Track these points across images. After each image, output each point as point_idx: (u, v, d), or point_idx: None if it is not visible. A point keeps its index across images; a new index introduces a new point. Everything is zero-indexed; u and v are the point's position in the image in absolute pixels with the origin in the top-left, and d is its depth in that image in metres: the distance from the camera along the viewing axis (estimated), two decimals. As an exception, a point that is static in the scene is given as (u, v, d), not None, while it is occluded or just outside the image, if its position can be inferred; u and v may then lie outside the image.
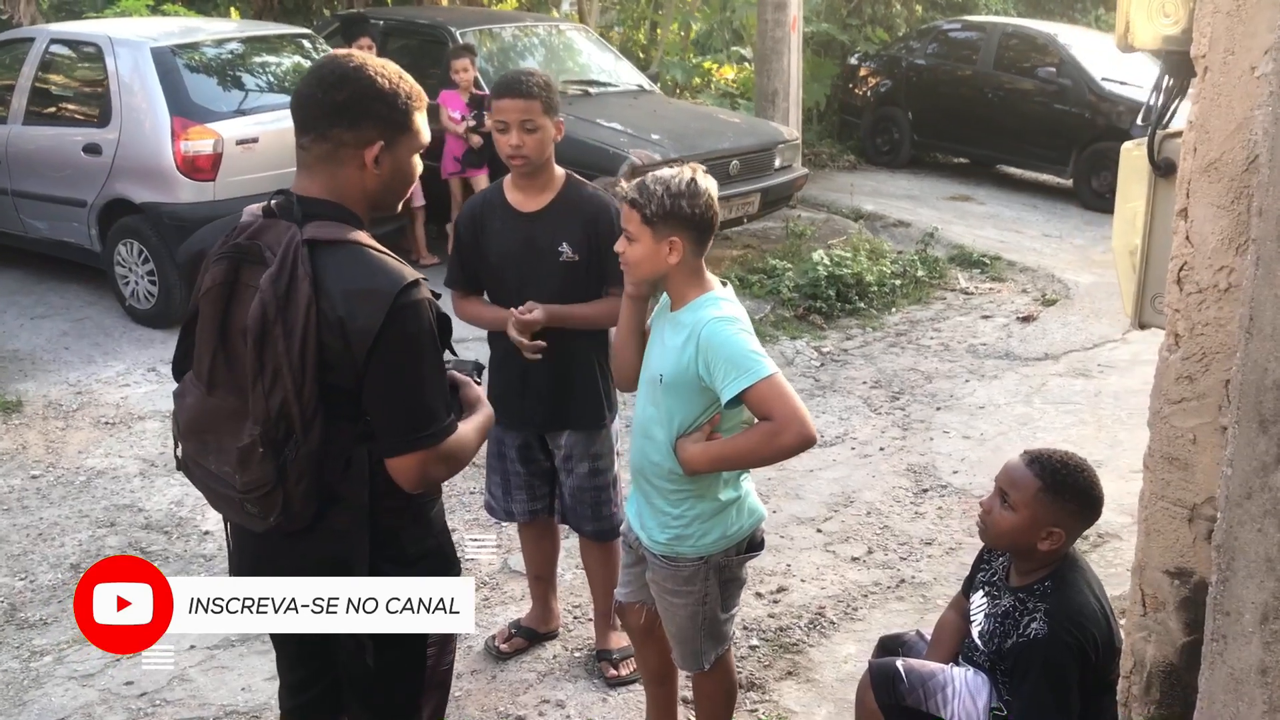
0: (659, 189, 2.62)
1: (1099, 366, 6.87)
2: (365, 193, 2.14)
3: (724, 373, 2.58)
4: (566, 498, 3.61)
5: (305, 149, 2.11)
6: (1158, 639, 2.12)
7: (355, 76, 2.08)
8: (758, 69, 10.38)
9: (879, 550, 4.69)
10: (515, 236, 3.38)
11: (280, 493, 2.06)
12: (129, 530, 4.76)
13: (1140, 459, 5.38)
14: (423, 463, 2.09)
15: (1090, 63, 11.55)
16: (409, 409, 2.07)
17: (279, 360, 1.99)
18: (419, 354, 2.06)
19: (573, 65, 9.58)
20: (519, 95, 3.22)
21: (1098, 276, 8.80)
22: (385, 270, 2.05)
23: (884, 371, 6.78)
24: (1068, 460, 2.60)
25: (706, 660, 2.98)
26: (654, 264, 2.69)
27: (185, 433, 2.20)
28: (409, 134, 2.14)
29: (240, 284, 2.09)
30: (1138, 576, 2.15)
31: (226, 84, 7.39)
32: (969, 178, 12.53)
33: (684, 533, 2.80)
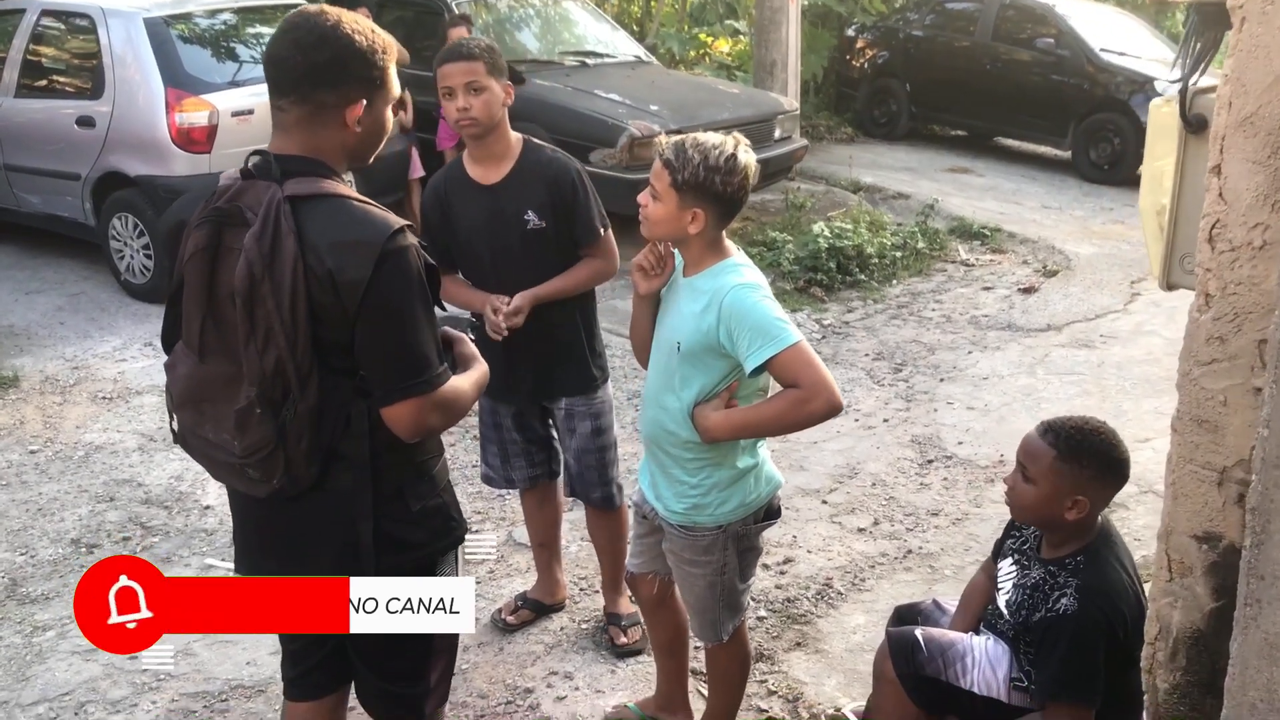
0: (696, 157, 2.54)
1: (1101, 337, 6.85)
2: (344, 149, 2.12)
3: (749, 340, 2.54)
4: (572, 463, 3.58)
5: (284, 110, 2.07)
6: (1184, 605, 2.09)
7: (335, 36, 2.04)
8: (756, 39, 10.30)
9: (885, 521, 4.67)
10: (480, 211, 3.33)
11: (281, 454, 2.03)
12: (128, 505, 4.71)
13: (1145, 428, 5.42)
14: (418, 409, 2.06)
15: (1089, 33, 11.49)
16: (402, 356, 2.05)
17: (270, 318, 1.96)
18: (409, 300, 2.04)
19: (569, 36, 9.50)
20: (460, 58, 3.18)
21: (1098, 247, 8.78)
22: (370, 220, 2.02)
23: (886, 343, 6.75)
24: (1082, 425, 2.55)
25: (725, 631, 2.95)
26: (672, 229, 2.63)
27: (180, 403, 2.17)
28: (385, 89, 2.12)
29: (224, 248, 2.05)
30: (1164, 542, 2.11)
31: (221, 55, 7.30)
32: (967, 149, 12.47)
33: (701, 501, 2.76)
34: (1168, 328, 6.95)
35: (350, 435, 2.09)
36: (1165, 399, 5.86)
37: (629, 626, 3.75)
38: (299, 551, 2.20)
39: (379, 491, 2.15)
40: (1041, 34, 11.69)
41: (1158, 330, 6.91)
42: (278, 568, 2.23)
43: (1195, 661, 2.12)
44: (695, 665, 3.50)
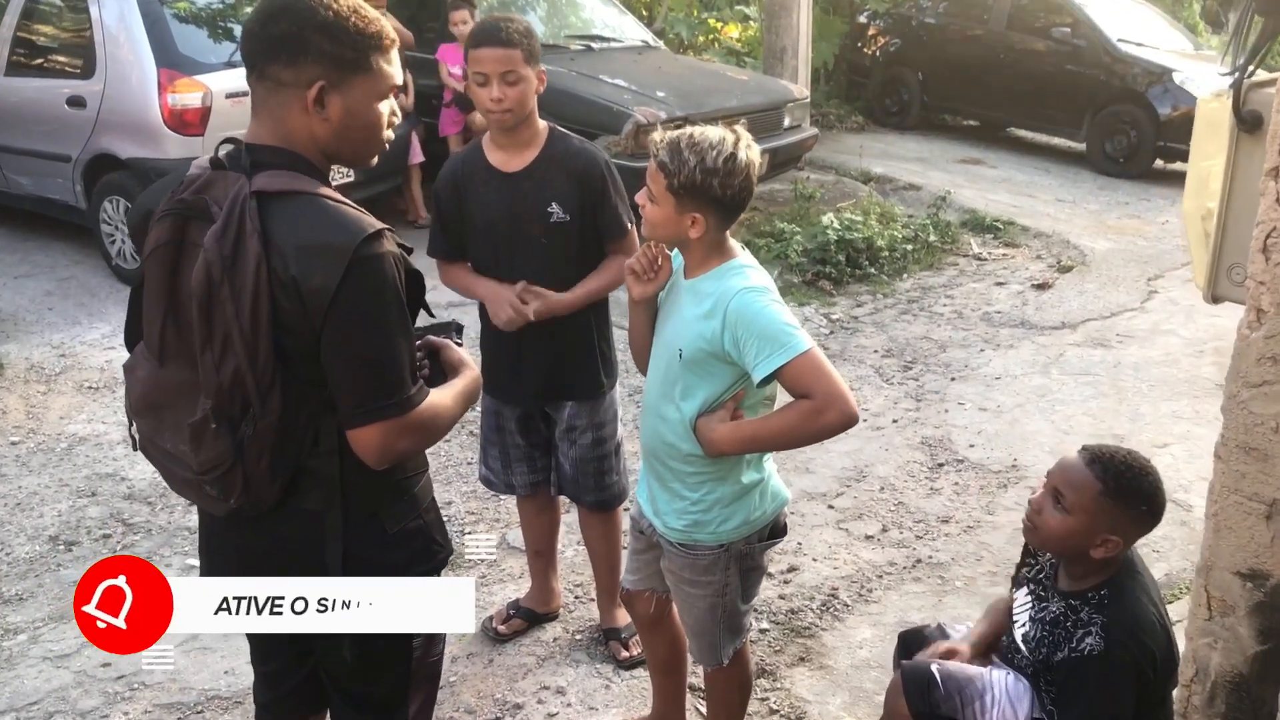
0: (692, 159, 2.35)
1: (1118, 336, 6.66)
2: (315, 139, 1.91)
3: (757, 348, 2.35)
4: (567, 469, 3.40)
5: (252, 89, 1.90)
6: (1225, 646, 1.92)
7: (298, 7, 1.84)
8: (766, 25, 10.08)
9: (893, 528, 4.49)
10: (500, 200, 3.13)
11: (240, 472, 1.85)
12: (110, 500, 4.56)
13: (1163, 433, 5.23)
14: (386, 434, 1.87)
15: (1106, 23, 11.27)
16: (370, 374, 1.85)
17: (229, 326, 1.77)
18: (381, 314, 1.84)
19: (575, 19, 9.29)
20: (498, 44, 2.97)
21: (1113, 243, 8.59)
22: (342, 222, 1.82)
23: (896, 340, 6.56)
24: (1131, 461, 2.34)
25: (725, 655, 2.78)
26: (671, 232, 2.45)
27: (138, 409, 1.99)
28: (363, 75, 1.90)
29: (188, 243, 1.87)
30: (1203, 577, 1.94)
31: (216, 35, 7.11)
32: (979, 140, 12.26)
33: (702, 519, 2.59)
34: (1186, 327, 6.77)
35: (319, 452, 1.92)
36: (1184, 402, 5.71)
37: (630, 638, 3.58)
38: (263, 574, 2.03)
39: (351, 513, 1.98)
40: (1058, 23, 11.47)
41: (1176, 330, 6.72)
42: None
43: (1236, 708, 1.95)
44: (694, 680, 3.33)
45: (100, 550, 4.19)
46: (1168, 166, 11.04)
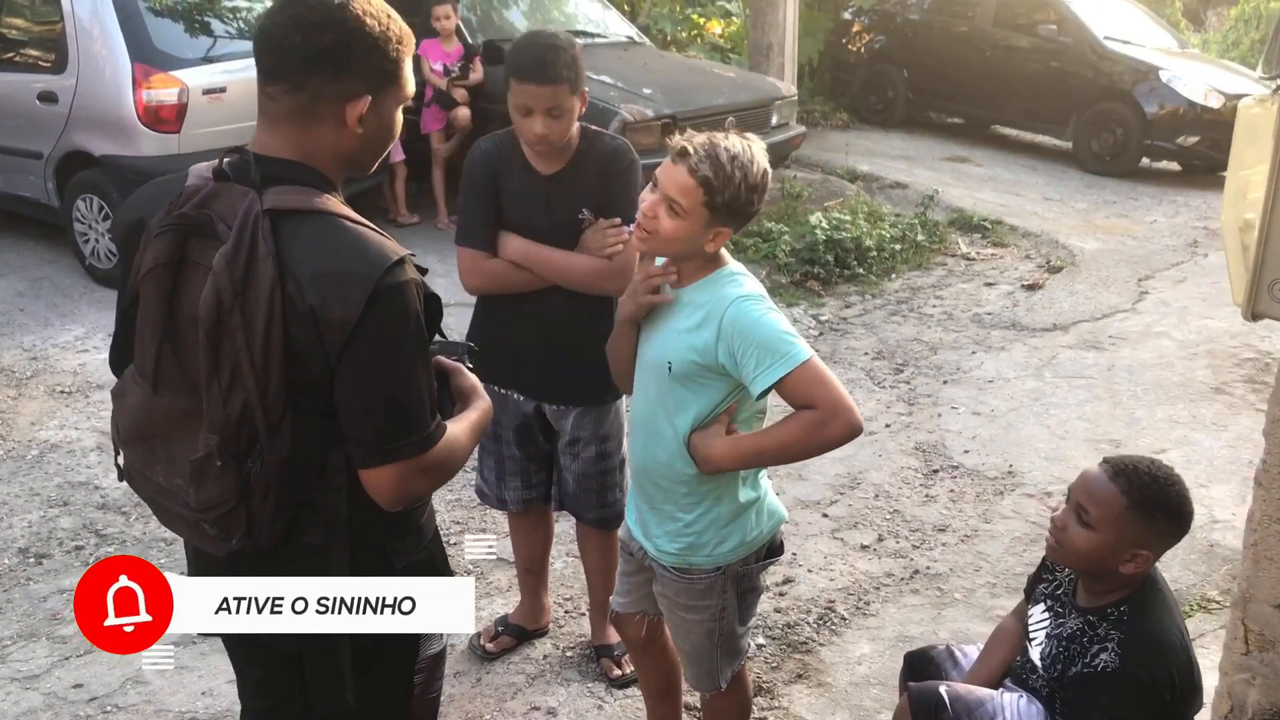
0: (737, 175, 2.22)
1: (1110, 338, 6.58)
2: (340, 153, 1.79)
3: (756, 359, 2.24)
4: (570, 483, 3.27)
5: (274, 100, 1.74)
6: (1264, 683, 1.82)
7: (341, 17, 1.71)
8: (751, 21, 9.97)
9: (890, 538, 4.40)
10: (534, 200, 3.00)
11: (243, 511, 1.72)
12: (83, 510, 4.41)
13: (1161, 438, 5.15)
14: (402, 475, 1.75)
15: (1092, 21, 11.25)
16: (388, 412, 1.73)
17: (238, 356, 1.64)
18: (403, 348, 1.72)
19: (559, 15, 9.16)
20: (546, 81, 2.82)
21: (1102, 243, 8.53)
22: (364, 247, 1.69)
23: (886, 342, 6.47)
24: (1156, 473, 2.26)
25: (723, 679, 2.67)
26: (688, 247, 2.32)
27: (128, 439, 1.85)
28: (397, 85, 1.80)
29: (188, 262, 1.72)
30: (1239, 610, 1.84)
31: (192, 29, 6.93)
32: (965, 138, 12.19)
33: (697, 541, 2.47)
34: (1178, 330, 6.70)
35: (325, 486, 1.79)
36: (1179, 406, 5.64)
37: (622, 656, 3.46)
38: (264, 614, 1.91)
39: (358, 549, 1.86)
40: (1044, 20, 11.41)
41: (1168, 332, 6.65)
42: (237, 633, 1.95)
43: (1274, 747, 1.85)
44: (689, 699, 3.22)
45: (72, 563, 4.05)
46: (1154, 165, 11.00)
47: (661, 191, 2.27)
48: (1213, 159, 10.77)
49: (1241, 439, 5.24)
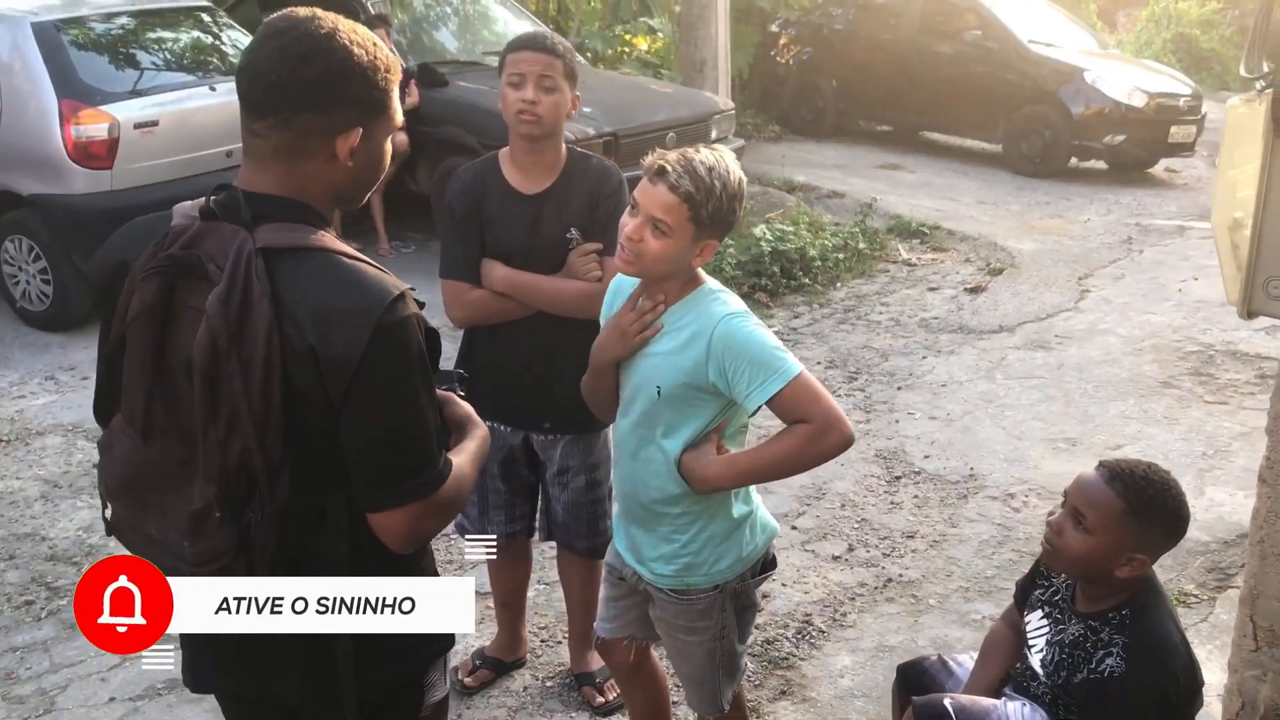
0: (717, 186, 2.21)
1: (1056, 337, 6.67)
2: (331, 187, 1.72)
3: (749, 376, 2.23)
4: (560, 513, 3.20)
5: (260, 137, 1.67)
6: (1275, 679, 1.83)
7: (329, 47, 1.64)
8: (683, 37, 9.99)
9: (860, 547, 4.39)
10: (518, 222, 2.94)
11: (242, 562, 1.64)
12: (31, 563, 4.24)
13: (1115, 434, 5.22)
14: (415, 517, 1.68)
15: (1016, 25, 11.44)
16: (398, 453, 1.66)
17: (236, 401, 1.56)
18: (409, 386, 1.65)
19: (489, 35, 9.12)
20: (541, 50, 2.83)
21: (1039, 243, 8.66)
22: (364, 284, 1.63)
23: (837, 350, 6.49)
24: (1152, 476, 2.27)
25: (725, 700, 2.64)
26: (675, 264, 2.28)
27: (116, 491, 1.76)
28: (386, 115, 1.74)
29: (177, 305, 1.65)
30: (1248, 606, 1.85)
31: (119, 62, 6.76)
32: (896, 145, 12.32)
33: (694, 561, 2.44)
34: (1122, 326, 6.81)
35: (326, 531, 1.72)
36: (1130, 402, 5.71)
37: (604, 683, 3.41)
38: (258, 667, 1.82)
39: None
40: (968, 26, 11.59)
41: (1113, 329, 6.76)
42: (233, 685, 1.87)
43: (1289, 743, 1.85)
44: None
45: (23, 619, 3.89)
46: (1082, 165, 11.21)
47: (644, 213, 2.24)
48: (1139, 157, 11.04)
49: (1193, 432, 5.33)
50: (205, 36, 7.32)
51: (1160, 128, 10.80)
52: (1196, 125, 11.04)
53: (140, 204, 5.88)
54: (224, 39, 7.36)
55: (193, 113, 6.58)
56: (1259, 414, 5.42)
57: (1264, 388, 5.79)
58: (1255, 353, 6.27)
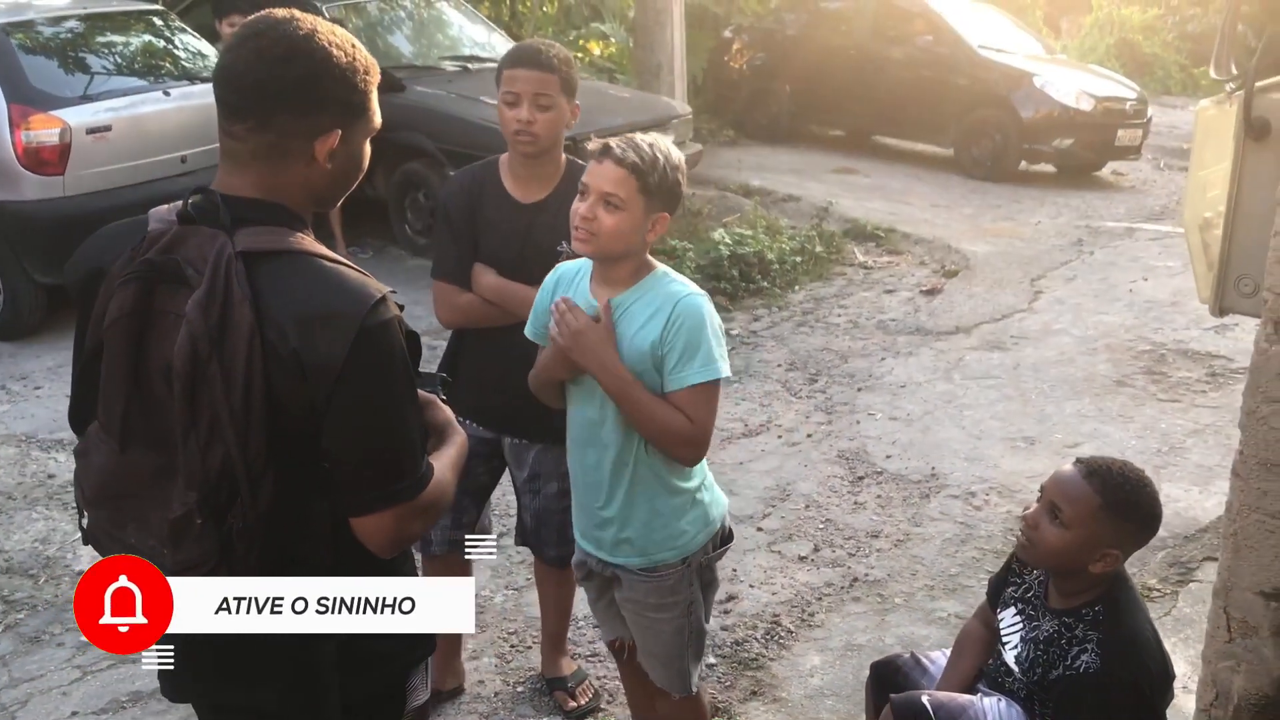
0: (660, 156, 2.30)
1: (1012, 338, 6.76)
2: (310, 190, 1.71)
3: (682, 358, 2.32)
4: (529, 520, 3.19)
5: (238, 139, 1.66)
6: (1249, 669, 1.87)
7: (308, 49, 1.63)
8: (638, 42, 10.02)
9: (825, 547, 4.42)
10: (512, 230, 2.93)
11: (225, 571, 1.62)
12: (-13, 576, 4.17)
13: (1072, 433, 5.30)
14: (399, 520, 1.68)
15: (966, 30, 11.56)
16: (382, 458, 1.66)
17: (217, 407, 1.55)
18: (392, 389, 1.65)
19: (444, 39, 9.08)
20: (536, 67, 2.80)
21: (993, 245, 8.77)
22: (345, 287, 1.62)
23: (797, 353, 6.54)
24: (1129, 473, 2.31)
25: (693, 680, 2.69)
26: (630, 240, 2.35)
27: (94, 500, 1.73)
28: (366, 118, 1.73)
29: (155, 311, 1.63)
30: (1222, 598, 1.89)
31: (70, 67, 6.66)
32: (850, 150, 12.43)
33: (660, 536, 2.51)
34: (1076, 326, 6.92)
35: (308, 537, 1.70)
36: (1086, 401, 5.81)
37: (575, 686, 3.41)
38: (239, 674, 1.81)
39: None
40: (919, 32, 11.72)
41: (1066, 329, 6.86)
42: (212, 693, 1.85)
43: (1262, 731, 1.89)
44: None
45: (-20, 635, 3.82)
46: (1032, 168, 11.36)
47: (595, 192, 2.31)
48: (1087, 160, 11.21)
49: (1148, 429, 5.43)
50: (157, 40, 7.23)
51: (1107, 131, 10.98)
52: (1142, 129, 11.24)
53: (94, 210, 5.82)
54: (176, 43, 7.28)
55: (146, 117, 6.50)
56: (1211, 411, 5.55)
57: (1215, 385, 5.91)
58: (1206, 351, 6.40)
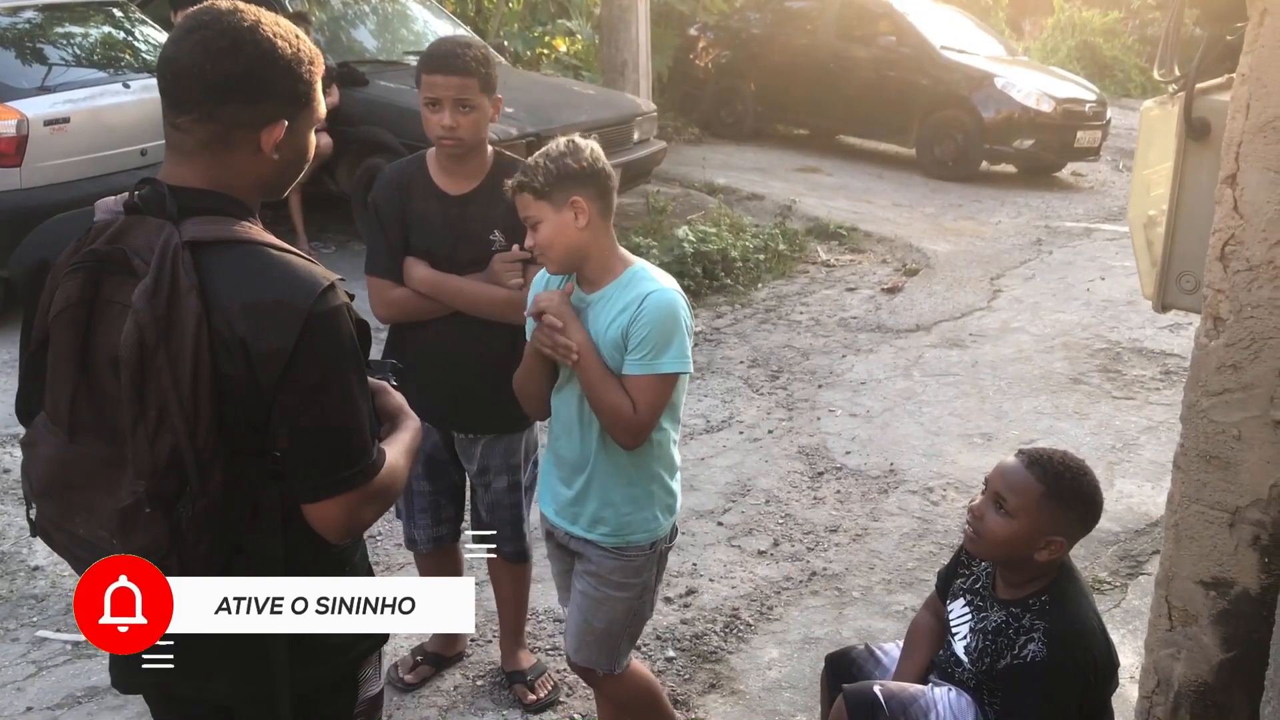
0: (539, 160, 2.40)
1: (971, 336, 6.83)
2: (258, 180, 1.72)
3: (644, 347, 2.39)
4: (483, 515, 3.22)
5: (183, 131, 1.65)
6: (1189, 656, 1.91)
7: (252, 40, 1.63)
8: (604, 39, 10.03)
9: (785, 542, 4.46)
10: (442, 222, 2.95)
11: (174, 559, 1.62)
12: (-63, 573, 4.12)
13: (1029, 429, 5.37)
14: (350, 507, 1.69)
15: (929, 31, 11.65)
16: (332, 443, 1.66)
17: (165, 396, 1.55)
18: (342, 373, 1.65)
19: (408, 34, 9.05)
20: (456, 72, 2.81)
21: (953, 244, 8.85)
22: (293, 275, 1.62)
23: (759, 350, 6.58)
24: (1070, 462, 2.37)
25: (621, 661, 2.77)
26: (565, 237, 2.41)
27: (42, 491, 1.73)
28: (310, 108, 1.73)
29: (102, 300, 1.63)
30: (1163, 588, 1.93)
31: (28, 58, 6.59)
32: (814, 149, 12.50)
33: (634, 518, 2.60)
34: (1034, 324, 7.00)
35: (259, 527, 1.70)
36: (1043, 398, 5.88)
37: (535, 679, 3.42)
38: (190, 666, 1.80)
39: None
40: (883, 32, 11.79)
41: (1024, 327, 6.95)
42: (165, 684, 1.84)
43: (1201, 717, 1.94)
44: None
45: (-68, 634, 3.78)
46: (993, 168, 11.48)
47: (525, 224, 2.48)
48: (1047, 160, 11.34)
49: (1103, 426, 5.51)
50: (117, 32, 7.16)
51: (1067, 133, 11.11)
52: (1101, 130, 11.38)
53: (51, 203, 5.76)
54: (137, 35, 7.22)
55: (106, 110, 6.45)
56: (1164, 408, 5.64)
57: (1168, 383, 6.01)
58: (1160, 350, 6.50)
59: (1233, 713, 1.68)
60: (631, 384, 2.41)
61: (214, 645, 1.77)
